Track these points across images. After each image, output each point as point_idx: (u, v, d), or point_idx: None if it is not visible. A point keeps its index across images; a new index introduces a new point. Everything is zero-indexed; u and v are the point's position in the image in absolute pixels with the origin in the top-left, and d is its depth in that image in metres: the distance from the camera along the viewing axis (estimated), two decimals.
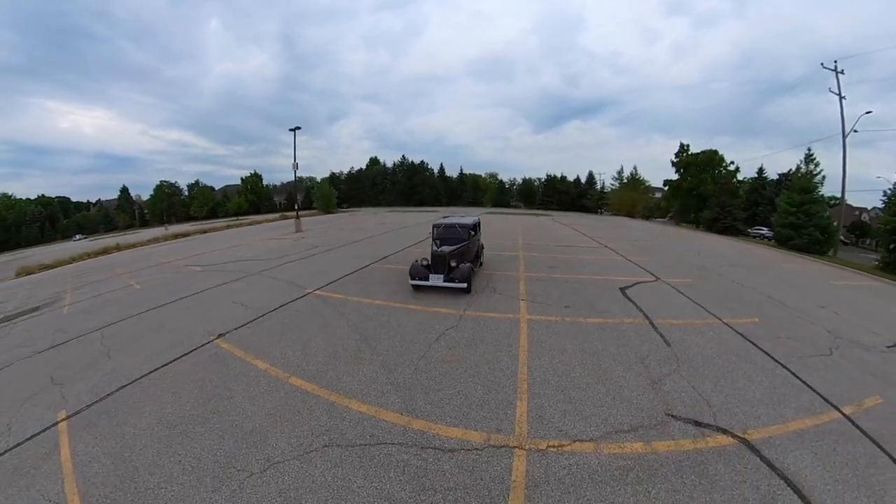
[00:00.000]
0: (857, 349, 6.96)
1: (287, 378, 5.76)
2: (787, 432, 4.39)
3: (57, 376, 6.78)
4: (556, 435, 4.29)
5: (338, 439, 4.29)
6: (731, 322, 7.91)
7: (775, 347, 6.74)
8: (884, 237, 23.08)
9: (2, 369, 7.54)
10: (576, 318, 8.01)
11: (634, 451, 3.98)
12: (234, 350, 6.87)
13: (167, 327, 8.57)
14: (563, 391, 5.22)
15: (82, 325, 9.75)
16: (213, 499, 3.54)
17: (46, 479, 4.17)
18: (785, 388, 5.39)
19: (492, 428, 4.45)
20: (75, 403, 5.69)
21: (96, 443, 4.66)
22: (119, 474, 4.04)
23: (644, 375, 5.62)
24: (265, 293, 10.65)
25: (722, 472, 3.70)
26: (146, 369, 6.46)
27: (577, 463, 3.85)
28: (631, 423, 4.46)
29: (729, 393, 5.14)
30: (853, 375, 5.91)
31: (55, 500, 3.82)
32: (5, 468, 4.43)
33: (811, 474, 3.74)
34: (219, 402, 5.16)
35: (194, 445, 4.33)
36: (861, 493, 3.54)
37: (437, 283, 9.36)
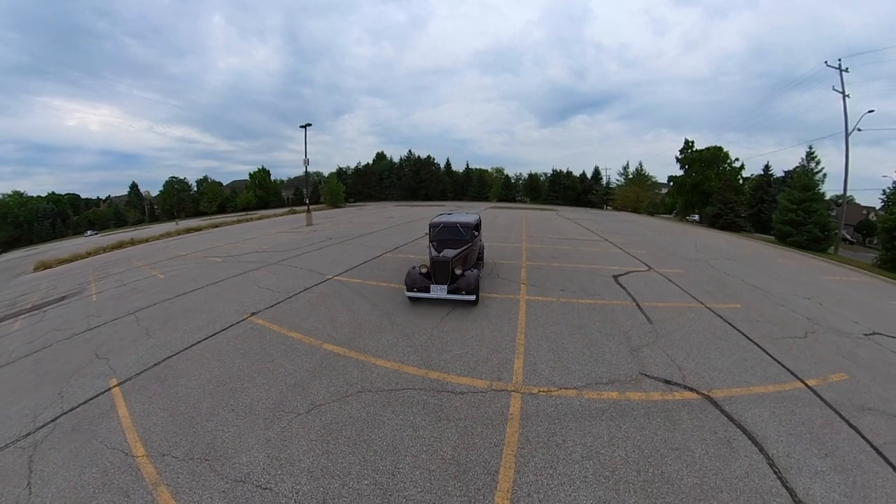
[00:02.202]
0: (832, 334, 7.54)
1: (320, 345, 6.67)
2: (749, 395, 5.14)
3: (101, 352, 7.45)
4: (546, 383, 5.22)
5: (369, 386, 5.24)
6: (713, 306, 8.64)
7: (752, 329, 7.45)
8: (883, 235, 23.54)
9: (42, 349, 8.20)
10: (569, 300, 8.87)
11: (610, 398, 4.86)
12: (269, 325, 7.75)
13: (200, 309, 9.29)
14: (554, 353, 6.18)
15: (115, 310, 10.32)
16: (267, 435, 4.38)
17: (107, 432, 4.79)
18: (753, 361, 6.12)
19: (494, 377, 5.43)
20: (124, 373, 6.35)
21: (151, 402, 5.38)
22: (177, 423, 4.80)
23: (625, 345, 6.47)
24: (288, 279, 11.46)
25: (685, 418, 4.50)
26: (188, 342, 7.26)
27: (562, 404, 4.76)
28: (609, 378, 5.34)
29: (700, 361, 5.92)
30: (823, 355, 6.51)
31: (119, 448, 4.46)
32: (63, 429, 5.02)
33: (766, 427, 4.45)
34: (262, 365, 6.03)
35: (245, 397, 5.18)
36: (812, 447, 4.18)
37: (440, 296, 8.06)
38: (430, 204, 61.24)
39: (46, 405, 5.69)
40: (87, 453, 4.47)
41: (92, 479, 4.03)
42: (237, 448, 4.20)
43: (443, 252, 8.48)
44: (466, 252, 9.02)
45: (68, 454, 4.53)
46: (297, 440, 4.27)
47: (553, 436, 4.24)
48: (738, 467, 3.80)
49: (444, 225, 9.94)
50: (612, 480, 3.60)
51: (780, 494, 3.51)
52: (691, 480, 3.60)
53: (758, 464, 3.87)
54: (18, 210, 76.96)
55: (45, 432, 5.01)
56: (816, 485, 3.64)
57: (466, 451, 4.00)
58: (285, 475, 3.76)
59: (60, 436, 4.90)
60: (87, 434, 4.83)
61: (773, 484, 3.62)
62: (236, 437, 4.38)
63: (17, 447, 4.78)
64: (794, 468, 3.84)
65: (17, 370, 7.34)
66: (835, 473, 3.81)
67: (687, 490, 3.50)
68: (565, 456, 3.93)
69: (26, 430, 5.09)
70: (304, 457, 4.00)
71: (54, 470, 4.28)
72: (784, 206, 28.40)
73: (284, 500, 3.47)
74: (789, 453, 4.04)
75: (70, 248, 35.30)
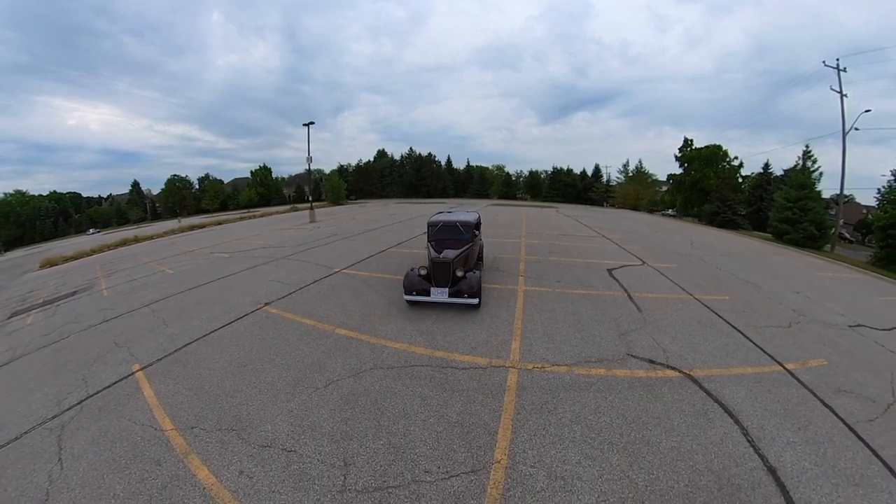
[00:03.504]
0: (817, 325, 7.89)
1: (333, 329, 7.16)
2: (729, 375, 5.57)
3: (120, 341, 7.73)
4: (540, 361, 5.75)
5: (380, 364, 5.76)
6: (701, 298, 9.08)
7: (737, 318, 7.87)
8: (877, 234, 23.95)
9: (59, 341, 8.45)
10: (565, 290, 9.36)
11: (598, 374, 5.35)
12: (282, 313, 8.21)
13: (213, 301, 9.68)
14: (548, 336, 6.70)
15: (128, 303, 10.57)
16: (289, 406, 4.84)
17: (134, 411, 5.10)
18: (735, 346, 6.55)
19: (493, 356, 5.98)
20: (146, 358, 6.66)
21: (176, 383, 5.75)
22: (203, 401, 5.19)
23: (614, 330, 6.96)
24: (297, 273, 11.91)
25: (666, 392, 4.96)
26: (206, 330, 7.68)
27: (554, 378, 5.27)
28: (598, 358, 5.85)
29: (683, 345, 6.37)
30: (805, 343, 6.86)
31: (147, 424, 4.76)
32: (89, 410, 5.29)
33: (743, 403, 4.86)
34: (279, 348, 6.50)
35: (266, 376, 5.64)
36: (786, 421, 4.56)
37: (441, 299, 7.62)
38: (431, 201, 61.67)
39: (70, 390, 5.99)
40: (116, 430, 4.79)
41: (122, 452, 4.36)
42: (262, 419, 4.65)
43: (443, 253, 8.09)
44: (467, 252, 8.64)
45: (97, 432, 4.81)
46: (317, 410, 4.73)
47: (545, 404, 4.74)
48: (714, 435, 4.24)
49: (444, 224, 9.52)
50: (597, 441, 4.07)
51: (752, 459, 3.91)
52: (669, 444, 4.05)
53: (732, 433, 4.30)
54: (21, 209, 77.63)
55: (72, 414, 5.29)
56: (788, 453, 4.01)
57: (469, 416, 4.49)
58: (308, 439, 4.22)
59: (87, 416, 5.18)
60: (114, 414, 5.15)
61: (745, 451, 4.04)
62: (260, 410, 4.83)
63: (43, 428, 5.04)
64: (767, 438, 4.24)
65: (36, 360, 7.62)
66: (806, 445, 4.17)
67: (665, 452, 3.95)
68: (556, 420, 4.41)
69: (52, 413, 5.37)
70: (324, 423, 4.46)
71: (84, 447, 4.55)
72: (780, 204, 28.85)
73: (308, 460, 3.92)
74: (763, 426, 4.44)
75: (74, 246, 35.60)
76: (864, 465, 3.95)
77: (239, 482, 3.71)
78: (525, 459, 3.84)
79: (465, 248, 8.64)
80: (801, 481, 3.66)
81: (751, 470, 3.77)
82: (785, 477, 3.71)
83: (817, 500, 3.45)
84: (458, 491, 3.47)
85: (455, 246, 8.65)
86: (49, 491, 3.95)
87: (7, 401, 5.99)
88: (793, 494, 3.50)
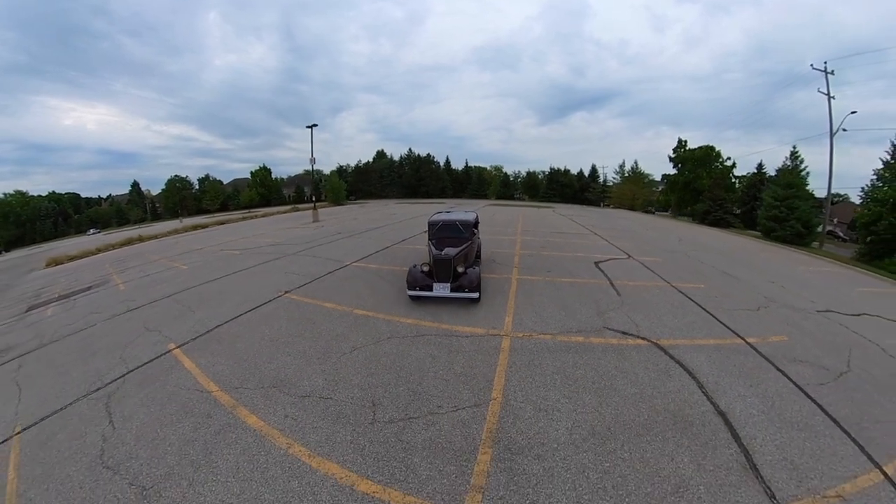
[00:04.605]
0: (785, 310, 8.66)
1: (352, 310, 8.14)
2: (692, 344, 6.48)
3: (150, 326, 8.20)
4: (528, 331, 6.84)
5: (396, 334, 6.81)
6: (678, 286, 10.05)
7: (708, 302, 8.80)
8: (861, 230, 24.95)
9: (86, 329, 8.85)
10: (553, 279, 10.39)
11: (577, 341, 6.41)
12: (303, 299, 9.15)
13: (234, 291, 10.35)
14: (536, 313, 7.77)
15: (148, 295, 10.94)
16: (322, 367, 5.80)
17: (178, 379, 5.67)
18: (702, 323, 7.50)
19: (490, 327, 7.05)
20: (180, 339, 7.22)
21: (214, 355, 6.44)
22: (243, 368, 5.97)
23: (594, 309, 7.99)
24: (310, 266, 12.80)
25: (634, 355, 5.96)
26: (234, 314, 8.46)
27: (540, 343, 6.36)
28: (578, 329, 6.90)
29: (654, 321, 7.37)
30: (769, 324, 7.60)
31: (192, 388, 5.33)
32: (132, 382, 5.80)
33: (701, 365, 5.75)
34: (306, 326, 7.45)
35: (298, 346, 6.59)
36: (740, 380, 5.32)
37: (444, 294, 8.04)
38: (430, 202, 62.67)
39: (109, 367, 6.45)
40: (163, 395, 5.33)
41: (172, 411, 4.92)
42: (299, 377, 5.58)
43: (444, 250, 8.53)
44: (467, 250, 9.16)
45: (144, 398, 5.30)
46: (346, 368, 5.70)
47: (532, 360, 5.79)
48: (672, 386, 5.18)
49: (444, 223, 10.00)
50: (573, 387, 5.07)
51: (704, 405, 4.79)
52: (633, 391, 5.02)
53: (689, 386, 5.21)
54: (21, 209, 77.57)
55: (115, 386, 5.77)
56: (738, 403, 4.81)
57: (471, 369, 5.52)
58: (341, 389, 5.17)
59: (131, 387, 5.68)
60: (158, 383, 5.70)
61: (699, 398, 4.93)
62: (297, 371, 5.76)
63: (88, 399, 5.49)
64: (720, 391, 5.09)
65: (66, 345, 8.06)
66: (756, 398, 4.91)
67: (628, 396, 4.91)
68: (541, 371, 5.45)
69: (94, 387, 5.82)
70: (353, 377, 5.43)
71: (133, 410, 5.03)
72: (768, 202, 29.88)
73: (343, 403, 4.87)
74: (717, 382, 5.32)
75: (76, 246, 35.79)
76: (808, 416, 4.62)
77: (285, 423, 4.61)
78: (516, 397, 4.83)
79: (465, 246, 9.16)
80: (747, 423, 4.43)
81: (702, 412, 4.66)
82: (733, 419, 4.52)
83: (761, 438, 4.21)
84: (464, 419, 4.45)
85: (455, 244, 9.11)
86: (104, 447, 4.43)
87: (45, 378, 6.52)
88: (739, 432, 4.28)
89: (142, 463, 4.14)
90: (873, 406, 4.93)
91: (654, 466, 3.76)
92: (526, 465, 3.77)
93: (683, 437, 4.18)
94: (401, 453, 3.97)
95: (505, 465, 3.78)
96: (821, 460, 3.94)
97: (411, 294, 8.33)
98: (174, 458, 4.15)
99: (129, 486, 3.82)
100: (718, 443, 4.13)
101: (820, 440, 4.23)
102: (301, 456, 4.00)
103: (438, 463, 3.83)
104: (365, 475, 3.71)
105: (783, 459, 3.91)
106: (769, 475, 3.70)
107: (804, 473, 3.75)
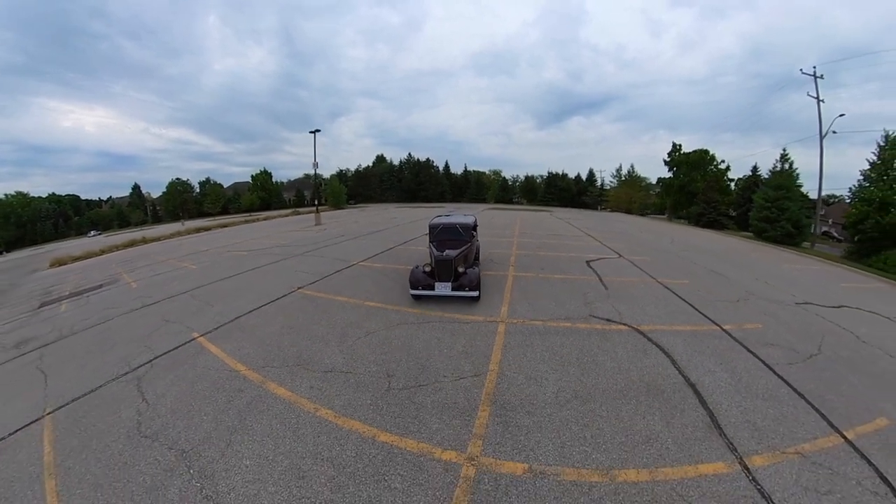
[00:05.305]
0: (764, 302, 9.22)
1: (363, 302, 8.89)
2: (670, 330, 7.17)
3: (170, 319, 8.65)
4: (522, 318, 7.65)
5: (405, 321, 7.58)
6: (663, 281, 10.79)
7: (690, 295, 9.49)
8: (850, 229, 25.68)
9: (105, 322, 9.21)
10: (546, 276, 11.17)
11: (565, 326, 7.20)
12: (316, 294, 9.87)
13: (248, 288, 10.88)
14: (529, 304, 8.55)
15: (163, 292, 11.30)
16: (340, 348, 6.53)
17: (206, 361, 6.16)
18: (682, 313, 8.20)
19: (488, 315, 7.84)
20: (203, 328, 7.71)
21: (238, 341, 7.04)
22: (267, 350, 6.61)
23: (582, 300, 8.77)
24: (319, 265, 13.49)
25: (615, 337, 6.71)
26: (251, 307, 9.07)
27: (532, 328, 7.13)
28: (566, 317, 7.68)
29: (637, 311, 8.10)
30: (746, 314, 8.19)
31: (221, 368, 5.88)
32: (161, 365, 6.21)
33: (677, 346, 6.43)
34: (322, 315, 8.17)
35: (316, 332, 7.31)
36: (711, 359, 5.94)
37: (445, 293, 8.40)
38: (430, 206, 63.40)
39: (135, 354, 6.81)
40: (193, 375, 5.77)
41: (204, 388, 5.39)
42: (320, 357, 6.28)
43: (445, 252, 8.91)
44: (466, 251, 9.60)
45: (174, 378, 5.70)
46: (362, 349, 6.44)
47: (524, 341, 6.60)
48: (648, 362, 5.89)
49: (444, 226, 10.37)
50: (560, 362, 5.84)
51: (676, 377, 5.45)
52: (612, 365, 5.76)
53: (663, 362, 5.90)
54: (22, 210, 77.65)
55: (144, 370, 6.15)
56: (707, 377, 5.43)
57: (472, 347, 6.32)
58: (359, 365, 5.91)
59: (160, 370, 6.08)
60: (186, 365, 6.15)
61: (672, 372, 5.60)
62: (318, 352, 6.46)
63: (118, 381, 5.87)
64: (692, 366, 5.74)
65: (87, 337, 8.39)
66: (725, 373, 5.46)
67: (608, 369, 5.66)
68: (531, 349, 6.25)
69: (123, 371, 6.18)
70: (369, 356, 6.18)
71: (165, 388, 5.43)
72: (759, 204, 30.66)
73: (361, 375, 5.60)
74: (690, 359, 5.98)
75: (78, 247, 36.07)
76: (774, 389, 5.11)
77: (311, 392, 5.29)
78: (510, 369, 5.61)
79: (465, 247, 9.61)
80: (714, 392, 5.04)
81: (674, 383, 5.34)
82: (702, 389, 5.14)
83: (726, 404, 4.79)
84: (466, 385, 5.20)
85: (455, 246, 9.53)
86: (139, 420, 4.81)
87: (70, 366, 6.89)
88: (706, 399, 4.89)
89: (179, 431, 4.58)
90: (840, 383, 5.41)
91: (628, 423, 4.47)
92: (518, 419, 4.50)
93: (655, 402, 4.88)
94: (414, 412, 4.69)
95: (500, 419, 4.51)
96: (783, 424, 4.42)
97: (414, 293, 8.74)
98: (210, 425, 4.65)
99: (169, 450, 4.26)
100: (686, 407, 4.80)
101: (783, 408, 4.70)
102: (328, 417, 4.70)
103: (446, 418, 4.55)
104: (384, 429, 4.42)
105: (746, 422, 4.47)
106: (732, 433, 4.27)
107: (765, 434, 4.24)
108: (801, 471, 3.75)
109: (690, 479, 3.64)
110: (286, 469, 3.88)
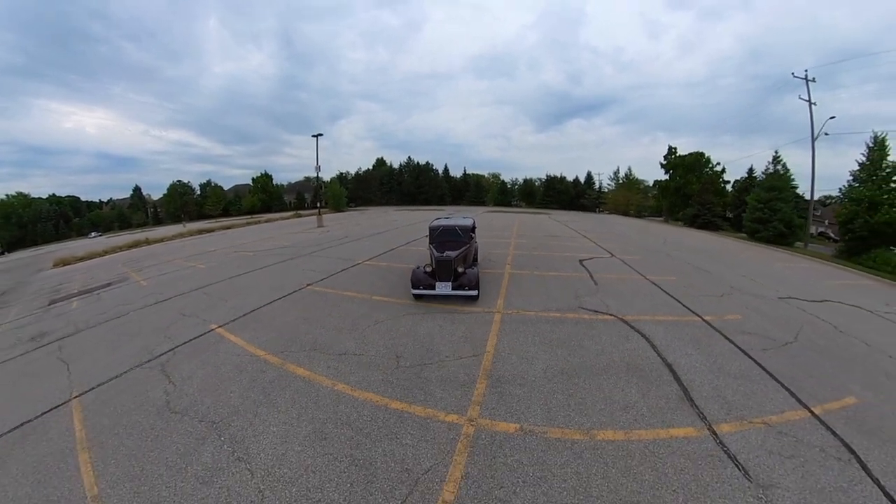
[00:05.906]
0: (747, 296, 9.69)
1: (370, 297, 9.57)
2: (653, 320, 7.78)
3: (186, 313, 9.04)
4: (516, 309, 8.38)
5: (411, 312, 8.31)
6: (651, 278, 11.45)
7: (675, 290, 10.10)
8: (840, 228, 26.30)
9: (120, 317, 9.52)
10: (541, 273, 11.89)
11: (555, 316, 7.90)
12: (325, 289, 10.53)
13: (259, 286, 11.36)
14: (523, 297, 9.25)
15: (174, 289, 11.65)
16: (353, 335, 7.19)
17: (227, 348, 6.68)
18: (665, 305, 8.82)
19: (485, 307, 8.60)
20: (220, 320, 8.24)
21: (255, 331, 7.60)
22: (285, 338, 7.19)
23: (573, 294, 9.48)
24: (325, 264, 14.13)
25: (601, 326, 7.38)
26: (264, 301, 9.62)
27: (525, 317, 7.87)
28: (556, 309, 8.38)
29: (623, 304, 8.76)
30: (728, 307, 8.69)
31: (242, 354, 6.37)
32: (183, 353, 6.65)
33: (658, 333, 7.05)
34: (333, 308, 8.83)
35: (329, 321, 7.97)
36: (689, 344, 6.53)
37: (445, 292, 8.67)
38: (430, 208, 64.18)
39: (156, 344, 7.17)
40: (216, 360, 6.23)
41: (228, 370, 5.88)
42: (335, 343, 6.93)
43: (445, 252, 9.19)
44: (466, 252, 9.89)
45: (198, 363, 6.09)
46: (372, 336, 7.12)
47: (518, 328, 7.29)
48: (629, 346, 6.54)
49: (444, 228, 10.67)
50: (549, 344, 6.54)
51: (654, 359, 6.04)
52: (596, 347, 6.44)
53: (643, 346, 6.52)
54: (23, 210, 77.36)
55: (167, 357, 6.54)
56: (684, 359, 5.98)
57: (471, 333, 7.03)
58: (370, 348, 6.58)
59: (183, 357, 6.46)
60: (208, 352, 6.62)
61: (651, 354, 6.20)
62: (332, 339, 7.11)
63: (143, 368, 6.21)
64: (670, 350, 6.32)
65: (104, 330, 8.70)
66: (701, 356, 5.99)
67: (593, 351, 6.33)
68: (524, 333, 6.96)
69: (146, 359, 6.52)
70: (379, 341, 6.85)
71: (190, 371, 5.82)
72: (752, 205, 31.27)
73: (373, 357, 6.27)
74: (669, 344, 6.56)
75: (81, 248, 36.12)
76: (747, 370, 5.55)
77: (328, 371, 5.92)
78: (504, 350, 6.32)
79: (464, 249, 9.92)
80: (689, 371, 5.57)
81: (651, 363, 5.95)
82: (678, 368, 5.69)
83: (699, 381, 5.31)
84: (466, 363, 5.89)
85: (455, 247, 9.82)
86: (168, 399, 5.16)
87: (91, 356, 7.20)
88: (681, 377, 5.43)
89: (208, 406, 5.00)
90: (813, 367, 5.80)
91: (608, 393, 5.12)
92: (511, 390, 5.18)
93: (633, 377, 5.52)
94: (420, 384, 5.38)
95: (496, 389, 5.19)
96: (752, 399, 4.83)
97: (415, 293, 9.03)
98: (237, 400, 5.14)
99: (200, 423, 4.66)
100: (662, 382, 5.42)
101: (754, 386, 5.11)
102: (344, 390, 5.34)
103: (448, 389, 5.23)
104: (395, 398, 5.08)
105: (717, 396, 4.97)
106: (703, 405, 4.78)
107: (734, 406, 4.68)
108: (766, 437, 4.15)
109: (662, 440, 4.20)
110: (310, 433, 4.48)
